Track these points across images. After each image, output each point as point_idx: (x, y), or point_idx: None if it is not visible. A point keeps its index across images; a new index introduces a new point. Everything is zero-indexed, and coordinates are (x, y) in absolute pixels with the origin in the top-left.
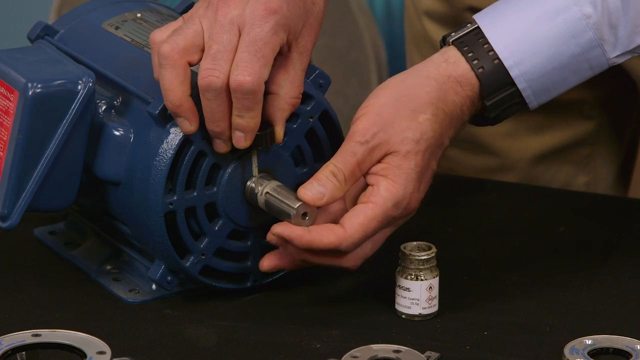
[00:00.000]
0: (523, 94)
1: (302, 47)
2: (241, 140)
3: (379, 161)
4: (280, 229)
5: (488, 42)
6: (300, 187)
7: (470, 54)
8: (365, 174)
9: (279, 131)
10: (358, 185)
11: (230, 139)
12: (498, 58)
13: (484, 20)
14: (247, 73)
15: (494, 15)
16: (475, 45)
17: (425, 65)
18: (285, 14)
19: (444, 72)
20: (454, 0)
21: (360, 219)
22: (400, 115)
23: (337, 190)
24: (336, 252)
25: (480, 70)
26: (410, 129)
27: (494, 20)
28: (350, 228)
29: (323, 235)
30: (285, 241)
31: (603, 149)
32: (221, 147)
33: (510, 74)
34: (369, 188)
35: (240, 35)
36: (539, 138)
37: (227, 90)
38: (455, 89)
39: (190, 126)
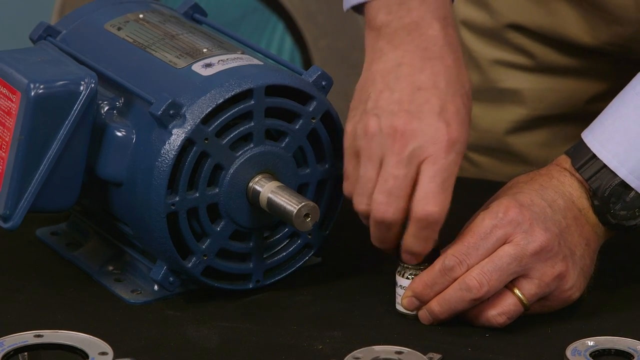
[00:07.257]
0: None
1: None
2: (412, 261)
3: None
4: (406, 297)
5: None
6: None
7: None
8: None
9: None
10: None
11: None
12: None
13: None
14: (434, 204)
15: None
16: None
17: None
18: (464, 142)
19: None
20: (496, 14)
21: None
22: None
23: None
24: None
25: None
26: None
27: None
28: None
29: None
30: (418, 300)
31: None
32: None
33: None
34: None
35: (419, 168)
36: None
37: (400, 223)
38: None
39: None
